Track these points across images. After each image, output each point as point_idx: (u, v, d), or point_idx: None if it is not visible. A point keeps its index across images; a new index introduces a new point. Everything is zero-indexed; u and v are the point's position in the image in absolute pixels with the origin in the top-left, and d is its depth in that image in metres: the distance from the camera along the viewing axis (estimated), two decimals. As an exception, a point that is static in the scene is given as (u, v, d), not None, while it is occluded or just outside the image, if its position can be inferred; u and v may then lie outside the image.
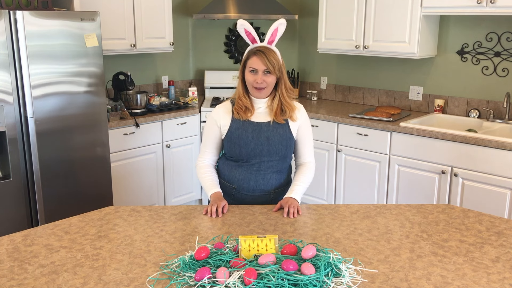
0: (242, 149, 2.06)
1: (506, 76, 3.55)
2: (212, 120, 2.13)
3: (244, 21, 2.10)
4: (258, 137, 2.06)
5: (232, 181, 2.13)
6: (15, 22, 2.77)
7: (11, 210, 2.90)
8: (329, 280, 1.39)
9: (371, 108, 4.13)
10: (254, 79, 2.01)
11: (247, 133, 2.06)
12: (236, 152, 2.08)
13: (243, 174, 2.11)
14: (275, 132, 2.07)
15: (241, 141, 2.06)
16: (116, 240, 1.70)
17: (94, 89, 3.17)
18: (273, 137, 2.06)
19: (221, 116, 2.11)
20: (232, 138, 2.07)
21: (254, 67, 2.01)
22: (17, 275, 1.46)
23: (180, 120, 4.04)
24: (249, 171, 2.10)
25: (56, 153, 3.04)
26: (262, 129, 2.06)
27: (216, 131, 2.13)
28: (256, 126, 2.07)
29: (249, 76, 2.03)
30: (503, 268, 1.52)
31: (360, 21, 3.88)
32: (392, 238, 1.73)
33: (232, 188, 2.14)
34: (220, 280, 1.35)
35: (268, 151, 2.07)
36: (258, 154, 2.07)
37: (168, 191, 4.08)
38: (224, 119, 2.10)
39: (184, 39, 4.72)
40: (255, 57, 2.01)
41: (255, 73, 2.01)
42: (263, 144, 2.06)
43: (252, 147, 2.06)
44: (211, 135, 2.15)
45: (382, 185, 3.63)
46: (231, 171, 2.13)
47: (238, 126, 2.07)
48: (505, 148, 3.01)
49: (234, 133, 2.07)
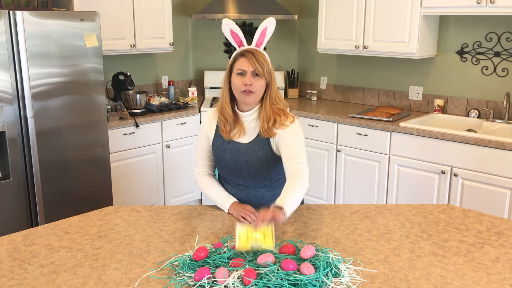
0: (223, 169, 1.98)
1: (506, 76, 3.55)
2: (203, 130, 2.02)
3: (229, 20, 1.90)
4: (236, 160, 1.91)
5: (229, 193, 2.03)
6: (15, 22, 2.77)
7: (11, 210, 2.90)
8: (329, 280, 1.39)
9: (371, 108, 4.13)
10: (242, 81, 1.82)
11: (226, 154, 1.93)
12: (220, 171, 2.01)
13: (234, 190, 2.01)
14: (254, 155, 1.88)
15: (220, 161, 1.96)
16: (116, 240, 1.70)
17: (94, 89, 3.17)
18: (252, 162, 1.89)
19: (208, 127, 2.00)
20: (215, 155, 1.99)
21: (242, 69, 1.83)
22: (17, 275, 1.46)
23: (180, 120, 4.04)
24: (238, 188, 2.00)
25: (56, 153, 3.04)
26: (241, 152, 1.90)
27: (208, 142, 2.01)
28: (235, 147, 1.91)
29: (236, 80, 1.84)
30: (503, 268, 1.52)
31: (360, 21, 3.88)
32: (392, 238, 1.73)
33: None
34: (219, 280, 1.35)
35: (249, 174, 1.92)
36: (239, 176, 1.95)
37: (168, 191, 4.08)
38: (210, 132, 1.99)
39: (184, 39, 4.72)
40: (242, 58, 1.84)
41: (243, 75, 1.83)
42: (242, 167, 1.91)
43: (231, 169, 1.94)
44: (203, 146, 2.03)
45: (382, 185, 3.63)
46: (224, 185, 2.05)
47: (218, 144, 1.95)
48: (505, 148, 3.01)
49: (215, 152, 1.97)
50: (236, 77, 1.85)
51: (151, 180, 3.93)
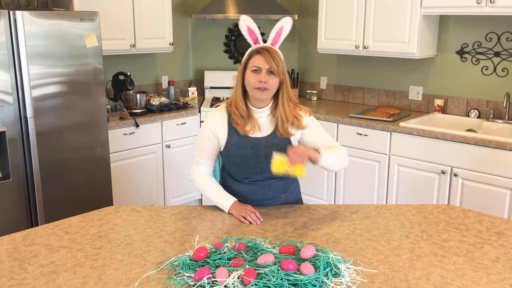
0: (241, 168, 1.95)
1: (505, 76, 3.55)
2: (209, 131, 1.97)
3: (247, 17, 1.89)
4: (257, 155, 1.91)
5: (236, 194, 2.01)
6: (15, 22, 2.77)
7: (11, 210, 2.90)
8: (329, 280, 1.39)
9: (371, 108, 4.13)
10: (256, 78, 1.84)
11: (245, 151, 1.91)
12: (235, 169, 1.98)
13: (247, 188, 1.99)
14: (275, 148, 1.87)
15: (239, 159, 1.93)
16: (116, 240, 1.70)
17: (94, 89, 3.17)
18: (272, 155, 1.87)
19: (218, 128, 1.95)
20: (230, 155, 1.95)
21: (257, 66, 1.85)
22: (17, 275, 1.46)
23: (180, 120, 4.04)
24: (254, 184, 1.99)
25: (56, 153, 3.04)
26: (261, 146, 1.91)
27: (214, 143, 1.98)
28: (254, 142, 1.92)
29: (251, 77, 1.86)
30: (503, 268, 1.52)
31: (360, 21, 3.88)
32: (392, 238, 1.73)
33: (240, 200, 2.00)
34: (219, 280, 1.35)
35: (269, 169, 1.84)
36: (259, 172, 1.95)
37: (168, 191, 4.08)
38: (221, 132, 1.95)
39: (184, 39, 4.72)
40: (258, 55, 1.86)
41: (257, 72, 1.85)
42: (263, 162, 1.90)
43: (251, 166, 1.94)
44: (208, 146, 1.99)
45: (382, 185, 3.63)
46: (234, 184, 2.02)
47: (235, 143, 1.92)
48: (505, 148, 3.01)
49: (232, 151, 1.93)
50: (251, 74, 1.87)
51: (151, 180, 3.93)
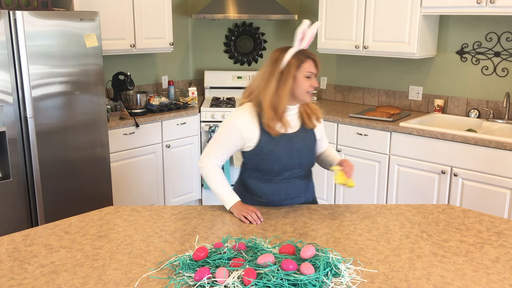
0: (274, 165, 1.96)
1: (505, 76, 3.55)
2: (237, 131, 1.95)
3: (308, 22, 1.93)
4: (290, 151, 1.96)
5: (260, 195, 2.02)
6: (15, 22, 2.77)
7: (11, 210, 2.90)
8: (329, 280, 1.39)
9: (371, 108, 4.13)
10: (310, 83, 1.92)
11: (279, 148, 1.95)
12: (267, 168, 1.98)
13: (272, 188, 2.01)
14: (304, 143, 2.00)
15: (273, 156, 1.95)
16: (116, 240, 1.70)
17: (94, 89, 3.17)
18: (303, 149, 2.00)
19: (248, 129, 1.95)
20: (262, 153, 1.95)
21: (311, 72, 1.92)
22: (17, 275, 1.46)
23: (180, 120, 4.04)
24: (279, 183, 2.01)
25: (56, 153, 3.04)
26: (292, 141, 1.97)
27: (238, 143, 1.97)
28: (288, 139, 1.97)
29: (304, 81, 1.91)
30: (503, 268, 1.52)
31: (360, 21, 3.88)
32: (392, 238, 1.73)
33: (260, 202, 2.03)
34: (219, 280, 1.35)
35: (300, 164, 2.01)
36: (290, 168, 1.99)
37: (168, 191, 4.08)
38: (252, 132, 1.95)
39: (184, 39, 4.72)
40: (310, 62, 1.92)
41: (310, 78, 1.92)
42: (294, 158, 1.98)
43: (285, 162, 1.97)
44: (230, 144, 1.98)
45: (382, 185, 3.63)
46: (259, 185, 2.02)
47: (268, 140, 1.94)
48: (505, 148, 3.01)
49: (265, 148, 1.94)
50: (304, 79, 1.92)
51: (151, 180, 3.93)
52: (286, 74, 1.90)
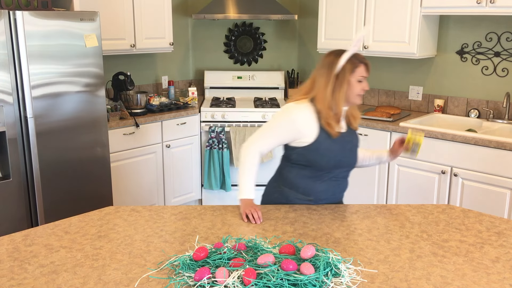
0: (330, 161, 2.01)
1: (506, 76, 3.55)
2: (293, 124, 2.00)
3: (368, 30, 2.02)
4: (343, 150, 2.03)
5: (309, 193, 2.07)
6: (15, 22, 2.77)
7: (11, 210, 2.90)
8: (329, 280, 1.39)
9: (371, 108, 4.13)
10: (361, 87, 2.01)
11: (336, 144, 2.01)
12: (322, 164, 2.01)
13: (322, 186, 2.06)
14: (353, 143, 2.09)
15: (330, 152, 2.00)
16: (116, 240, 1.70)
17: (94, 89, 3.17)
18: (353, 148, 2.09)
19: (306, 124, 1.99)
20: (321, 149, 1.99)
21: (364, 76, 2.00)
22: (17, 275, 1.46)
23: (180, 120, 4.04)
24: (329, 182, 2.07)
25: (56, 153, 3.04)
26: (345, 140, 2.05)
27: (290, 136, 2.02)
28: (341, 137, 2.03)
29: (356, 85, 2.00)
30: (503, 268, 1.52)
31: (360, 21, 3.88)
32: (392, 238, 1.73)
33: (308, 200, 2.07)
34: (219, 280, 1.36)
35: (349, 163, 2.08)
36: (341, 166, 2.06)
37: (168, 191, 4.08)
38: (310, 128, 1.99)
39: (184, 39, 4.72)
40: (363, 67, 2.01)
41: (361, 82, 2.01)
42: (347, 156, 2.06)
43: (339, 160, 2.03)
44: (282, 135, 2.03)
45: (382, 185, 3.63)
46: (308, 183, 2.06)
47: (326, 137, 2.00)
48: (504, 148, 3.01)
49: (323, 144, 1.99)
50: (356, 83, 2.00)
51: (151, 180, 3.93)
52: (341, 79, 1.98)
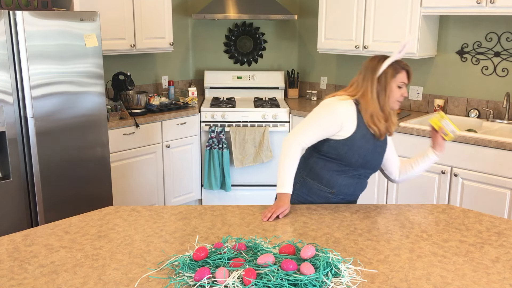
0: (360, 159, 2.04)
1: (505, 76, 3.55)
2: (337, 117, 2.02)
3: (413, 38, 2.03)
4: (374, 151, 2.08)
5: (332, 186, 2.10)
6: (15, 22, 2.77)
7: (11, 210, 2.90)
8: (329, 280, 1.39)
9: (371, 108, 4.12)
10: (401, 93, 2.04)
11: (369, 144, 2.05)
12: (351, 159, 2.04)
13: (346, 181, 2.09)
14: (382, 148, 2.12)
15: (362, 151, 2.04)
16: (116, 240, 1.70)
17: (94, 89, 3.17)
18: (382, 152, 2.12)
19: (349, 119, 2.03)
20: (354, 146, 2.03)
21: (404, 82, 2.04)
22: (17, 275, 1.46)
23: (180, 120, 4.04)
24: (353, 178, 2.10)
25: (56, 153, 3.04)
26: (377, 143, 2.09)
27: (332, 129, 2.03)
28: (374, 139, 2.08)
29: (396, 91, 2.03)
30: (503, 268, 1.52)
31: (360, 21, 3.88)
32: (392, 238, 1.73)
33: (329, 193, 2.11)
34: (219, 280, 1.36)
35: (375, 164, 2.11)
36: (368, 166, 2.09)
37: (168, 191, 4.08)
38: (351, 123, 2.03)
39: (184, 39, 4.72)
40: (405, 73, 2.04)
41: (401, 88, 2.04)
42: (375, 158, 2.10)
43: (368, 159, 2.07)
44: (325, 127, 2.03)
45: (382, 185, 3.63)
46: (333, 176, 2.08)
47: (363, 134, 2.04)
48: (504, 148, 3.01)
49: (358, 141, 2.03)
50: (396, 88, 2.03)
51: (151, 180, 3.93)
52: (383, 83, 2.03)
